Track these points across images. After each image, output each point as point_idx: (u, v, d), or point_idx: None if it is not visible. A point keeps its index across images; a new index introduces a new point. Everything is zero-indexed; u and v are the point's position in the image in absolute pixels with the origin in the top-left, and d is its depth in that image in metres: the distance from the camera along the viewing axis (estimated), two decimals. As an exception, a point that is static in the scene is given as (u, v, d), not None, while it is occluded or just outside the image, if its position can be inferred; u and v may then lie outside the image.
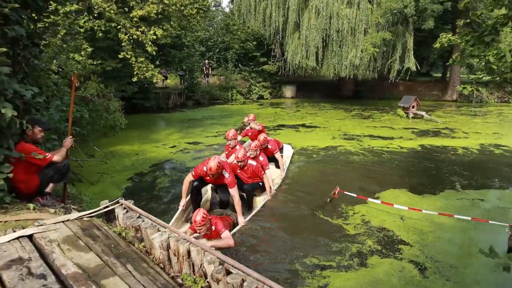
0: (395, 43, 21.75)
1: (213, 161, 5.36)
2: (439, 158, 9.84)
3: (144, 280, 2.69)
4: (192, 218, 4.64)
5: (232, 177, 5.58)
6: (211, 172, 5.36)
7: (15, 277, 2.67)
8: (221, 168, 5.46)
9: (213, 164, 5.34)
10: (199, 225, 4.48)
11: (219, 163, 5.40)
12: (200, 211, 4.60)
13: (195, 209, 5.07)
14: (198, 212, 4.57)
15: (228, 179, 5.53)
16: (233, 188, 5.53)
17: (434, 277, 4.28)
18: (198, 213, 4.53)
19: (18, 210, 4.08)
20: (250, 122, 9.49)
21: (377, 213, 6.03)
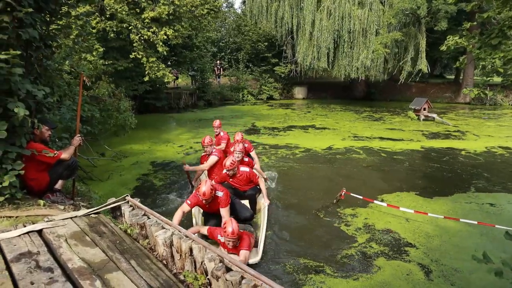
0: (407, 45, 21.60)
1: (204, 186, 4.90)
2: (448, 161, 9.76)
3: (147, 276, 2.77)
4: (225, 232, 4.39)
5: (226, 196, 5.12)
6: (205, 198, 4.89)
7: (24, 270, 2.77)
8: (214, 190, 5.03)
9: (205, 188, 4.87)
10: (232, 237, 4.26)
11: (211, 186, 4.99)
12: (233, 221, 4.43)
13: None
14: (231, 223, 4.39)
15: (221, 197, 5.09)
16: (225, 208, 5.06)
17: (439, 280, 4.27)
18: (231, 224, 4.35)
19: (29, 206, 4.21)
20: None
21: (383, 216, 6.03)
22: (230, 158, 5.99)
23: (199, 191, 4.95)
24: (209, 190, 4.89)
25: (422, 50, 21.49)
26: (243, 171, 6.14)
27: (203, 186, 4.91)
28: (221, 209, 5.07)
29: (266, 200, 6.34)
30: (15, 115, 3.95)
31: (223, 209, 5.06)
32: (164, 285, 2.67)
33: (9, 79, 3.88)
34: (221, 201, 5.09)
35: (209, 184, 4.95)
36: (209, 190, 4.89)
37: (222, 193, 5.11)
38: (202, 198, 4.93)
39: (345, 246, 5.08)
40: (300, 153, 10.77)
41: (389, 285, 4.15)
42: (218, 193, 5.11)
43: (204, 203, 5.09)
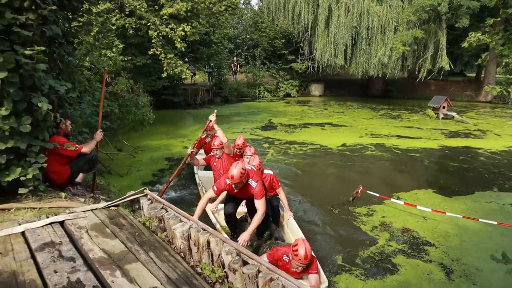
0: (426, 42, 21.21)
1: (235, 168, 4.30)
2: (468, 160, 9.59)
3: (165, 268, 2.82)
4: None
5: (261, 186, 4.47)
6: (233, 181, 4.28)
7: (48, 259, 2.86)
8: (246, 176, 4.39)
9: (235, 171, 4.26)
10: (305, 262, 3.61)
11: (242, 169, 4.32)
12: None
13: (233, 238, 4.49)
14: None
15: (255, 188, 4.44)
16: (260, 199, 4.40)
17: (460, 280, 4.22)
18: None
19: (51, 198, 4.33)
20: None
21: (400, 214, 5.98)
22: (257, 158, 5.34)
23: (228, 173, 4.37)
24: (238, 174, 4.25)
25: (442, 48, 21.08)
26: (267, 174, 5.39)
27: (233, 169, 4.30)
28: (256, 201, 4.43)
29: (289, 212, 5.48)
30: (39, 109, 4.06)
31: (258, 201, 4.40)
32: (182, 276, 2.72)
33: (33, 75, 4.00)
34: (256, 192, 4.44)
35: (240, 166, 4.31)
36: (239, 174, 4.25)
37: (256, 183, 4.46)
38: (231, 182, 4.32)
39: (362, 245, 5.05)
40: (316, 150, 10.75)
41: (409, 285, 4.11)
42: (251, 182, 4.48)
43: (233, 188, 4.46)
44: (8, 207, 3.94)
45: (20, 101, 3.93)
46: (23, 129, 3.92)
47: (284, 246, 4.14)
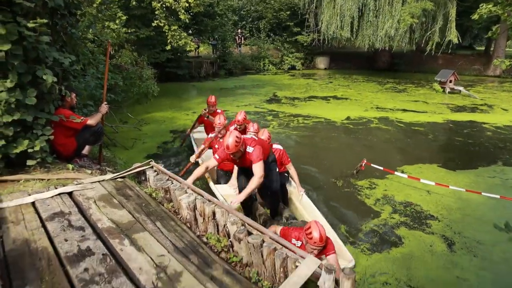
0: (435, 14, 20.67)
1: (230, 137, 4.06)
2: (473, 134, 9.55)
3: (172, 237, 2.90)
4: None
5: (258, 151, 4.20)
6: (229, 151, 4.09)
7: (58, 228, 2.94)
8: (242, 144, 4.16)
9: (230, 140, 4.04)
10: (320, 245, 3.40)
11: (237, 137, 4.07)
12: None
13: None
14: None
15: (252, 153, 4.20)
16: (257, 163, 4.14)
17: (462, 252, 4.28)
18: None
19: (59, 169, 4.40)
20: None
21: (403, 187, 6.03)
22: (266, 132, 5.15)
23: (223, 143, 4.18)
24: (233, 143, 4.02)
25: (451, 20, 20.55)
26: (276, 149, 5.12)
27: (228, 138, 4.07)
28: (253, 165, 4.18)
29: (300, 188, 5.20)
30: (43, 82, 4.07)
31: (254, 165, 4.15)
32: (189, 245, 2.79)
33: (37, 47, 3.99)
34: (253, 157, 4.20)
35: (234, 135, 4.07)
36: (234, 143, 4.03)
37: (253, 148, 4.22)
38: (228, 152, 4.15)
39: (366, 217, 5.11)
40: (320, 123, 10.73)
41: (413, 257, 4.17)
42: (248, 148, 4.25)
43: (233, 158, 4.32)
44: (17, 178, 4.01)
45: (24, 74, 3.94)
46: (28, 101, 3.95)
47: (294, 228, 3.88)
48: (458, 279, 3.73)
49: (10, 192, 3.71)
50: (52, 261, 2.52)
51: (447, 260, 4.09)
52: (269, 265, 2.54)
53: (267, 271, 2.57)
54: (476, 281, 3.72)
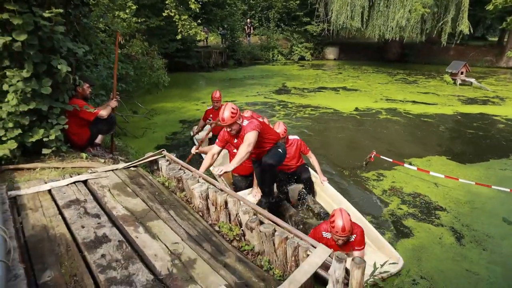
0: (448, 3, 20.30)
1: (225, 109, 3.78)
2: (484, 127, 9.46)
3: (185, 225, 2.96)
4: None
5: (252, 124, 3.85)
6: (225, 123, 3.79)
7: (74, 215, 3.03)
8: (238, 116, 3.85)
9: (226, 113, 3.76)
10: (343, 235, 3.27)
11: (233, 109, 3.79)
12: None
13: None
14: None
15: (248, 125, 3.87)
16: (249, 132, 3.79)
17: (471, 245, 4.25)
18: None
19: (73, 158, 4.49)
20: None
21: (412, 179, 6.02)
22: (282, 125, 4.88)
23: (219, 116, 3.89)
24: (229, 115, 3.75)
25: (464, 10, 20.16)
26: (293, 140, 4.95)
27: (223, 110, 3.80)
28: (246, 134, 3.83)
29: (323, 177, 5.03)
30: (58, 72, 4.14)
31: (247, 134, 3.80)
32: (202, 234, 2.86)
33: (52, 37, 4.04)
34: (246, 128, 3.87)
35: (230, 106, 3.82)
36: (230, 115, 3.75)
37: (248, 121, 3.91)
38: (224, 125, 3.86)
39: (374, 208, 5.12)
40: (329, 114, 10.71)
41: (422, 248, 4.17)
42: (243, 122, 3.93)
43: (231, 137, 4.09)
44: (34, 167, 4.11)
45: (40, 64, 4.00)
46: (44, 91, 4.02)
47: (325, 221, 3.63)
48: (467, 272, 3.74)
49: (27, 180, 3.81)
50: (70, 247, 2.60)
51: (456, 253, 4.10)
52: (280, 253, 2.59)
53: (279, 259, 2.62)
54: (486, 275, 3.73)
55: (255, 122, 3.91)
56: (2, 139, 4.00)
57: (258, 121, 4.02)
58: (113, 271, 2.31)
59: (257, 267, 2.55)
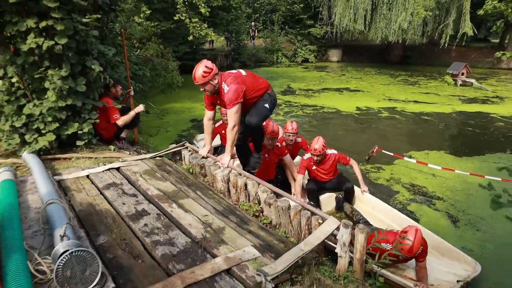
0: (449, 6, 20.71)
1: (199, 67, 3.63)
2: (483, 125, 9.87)
3: (212, 202, 3.42)
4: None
5: (234, 92, 3.60)
6: (196, 83, 3.68)
7: (114, 195, 3.48)
8: (212, 76, 3.63)
9: (198, 71, 3.61)
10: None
11: (207, 68, 3.61)
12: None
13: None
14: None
15: (227, 94, 3.63)
16: (231, 109, 3.63)
17: (466, 228, 4.71)
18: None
19: (102, 150, 4.96)
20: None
21: (411, 172, 6.45)
22: (321, 140, 4.73)
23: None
24: (200, 74, 3.59)
25: (465, 12, 20.53)
26: (330, 155, 4.90)
27: (197, 68, 3.65)
28: (228, 111, 3.68)
29: (364, 187, 4.98)
30: (91, 72, 4.61)
31: (228, 112, 3.67)
32: (227, 209, 3.31)
33: (86, 40, 4.52)
34: (225, 99, 3.67)
35: (203, 64, 3.65)
36: (201, 74, 3.59)
37: (228, 88, 3.66)
38: (196, 84, 3.73)
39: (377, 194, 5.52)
40: (334, 113, 11.16)
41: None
42: (224, 86, 3.70)
43: (213, 97, 3.93)
44: (69, 157, 4.58)
45: (76, 64, 4.48)
46: (79, 88, 4.50)
47: (386, 232, 3.60)
48: (463, 249, 4.13)
49: (66, 168, 4.27)
50: (116, 218, 3.05)
51: (452, 234, 4.53)
52: (295, 224, 3.04)
53: (294, 229, 3.07)
54: (480, 251, 4.16)
55: (235, 90, 3.62)
56: (42, 132, 4.48)
57: (240, 78, 3.76)
58: (156, 236, 2.77)
59: (276, 233, 2.99)
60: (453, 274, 3.54)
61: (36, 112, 4.38)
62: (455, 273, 3.56)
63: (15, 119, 4.45)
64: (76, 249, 2.08)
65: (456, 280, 3.38)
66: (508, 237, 4.48)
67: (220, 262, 2.42)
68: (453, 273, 3.58)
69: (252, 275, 2.29)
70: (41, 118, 4.44)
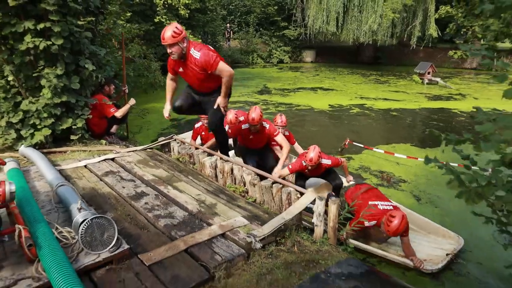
0: (416, 9, 21.81)
1: (169, 28, 3.65)
2: (446, 119, 10.65)
3: (203, 185, 3.84)
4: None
5: (211, 51, 3.74)
6: (164, 43, 3.65)
7: (114, 180, 3.86)
8: (181, 39, 3.63)
9: (168, 32, 3.60)
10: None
11: (177, 29, 3.63)
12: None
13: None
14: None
15: (201, 58, 3.68)
16: (220, 65, 3.73)
17: (426, 205, 5.35)
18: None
19: (95, 144, 5.29)
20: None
21: (379, 160, 7.04)
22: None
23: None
24: (170, 35, 3.58)
25: (430, 15, 21.68)
26: (324, 164, 4.72)
27: (166, 29, 3.65)
28: (217, 69, 3.75)
29: (349, 177, 5.26)
30: (83, 70, 4.95)
31: (219, 66, 3.74)
32: (217, 189, 3.75)
33: (79, 41, 4.85)
34: (204, 62, 3.72)
35: (174, 26, 3.69)
36: (171, 35, 3.58)
37: (199, 52, 3.73)
38: (164, 44, 3.69)
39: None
40: (309, 111, 11.72)
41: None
42: (193, 52, 3.74)
43: (176, 63, 3.97)
44: (65, 150, 4.90)
45: (70, 63, 4.81)
46: (73, 86, 4.83)
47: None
48: (425, 222, 4.74)
49: (62, 160, 4.59)
50: (118, 199, 3.44)
51: (417, 210, 5.06)
52: (277, 200, 3.50)
53: (276, 204, 3.54)
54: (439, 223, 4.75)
55: (208, 49, 3.76)
56: (38, 127, 4.78)
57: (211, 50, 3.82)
58: (157, 211, 3.17)
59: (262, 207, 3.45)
60: (441, 249, 4.04)
61: (33, 109, 4.68)
62: (443, 248, 4.06)
63: (11, 116, 4.73)
64: (95, 216, 2.47)
65: (445, 254, 3.90)
66: (461, 213, 5.08)
67: (216, 228, 2.86)
68: (441, 248, 4.07)
69: (243, 237, 2.74)
70: (36, 114, 4.73)
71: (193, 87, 4.14)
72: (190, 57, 3.74)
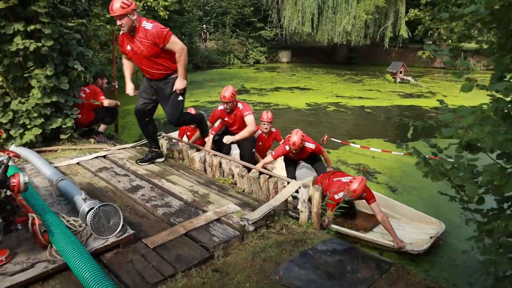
0: (387, 11, 22.59)
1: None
2: (416, 116, 11.23)
3: (194, 177, 4.08)
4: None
5: (161, 26, 3.71)
6: (112, 14, 3.58)
7: (108, 175, 4.05)
8: (131, 10, 3.58)
9: (117, 4, 3.48)
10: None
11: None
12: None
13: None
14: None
15: (155, 27, 3.64)
16: (172, 39, 3.72)
17: (402, 194, 5.79)
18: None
19: (84, 143, 5.43)
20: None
21: (355, 155, 7.46)
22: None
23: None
24: (119, 5, 3.46)
25: (401, 17, 22.52)
26: (308, 148, 5.05)
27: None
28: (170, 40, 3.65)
29: (330, 168, 5.45)
30: (72, 71, 5.10)
31: (170, 42, 3.65)
32: (208, 181, 4.00)
33: (68, 43, 5.00)
34: (156, 32, 3.59)
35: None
36: (120, 5, 3.46)
37: (151, 24, 3.67)
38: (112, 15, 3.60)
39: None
40: (287, 109, 12.09)
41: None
42: (145, 24, 3.65)
43: (127, 39, 3.82)
44: (55, 149, 5.03)
45: (59, 64, 4.95)
46: (63, 86, 4.97)
47: (337, 182, 4.47)
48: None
49: (55, 158, 4.73)
50: (116, 192, 3.65)
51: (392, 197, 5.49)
52: (265, 189, 3.78)
53: (263, 194, 3.82)
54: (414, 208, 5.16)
55: (156, 25, 3.67)
56: (28, 126, 4.89)
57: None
58: (154, 201, 3.40)
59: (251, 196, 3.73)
60: (425, 234, 4.42)
61: (23, 109, 4.78)
62: (426, 233, 4.45)
63: (0, 116, 4.83)
64: (102, 204, 2.69)
65: (429, 237, 4.28)
66: (432, 198, 5.50)
67: (211, 214, 3.12)
68: (425, 232, 4.46)
69: (237, 221, 3.01)
70: (26, 114, 4.84)
71: (144, 71, 3.96)
72: (141, 31, 3.60)
